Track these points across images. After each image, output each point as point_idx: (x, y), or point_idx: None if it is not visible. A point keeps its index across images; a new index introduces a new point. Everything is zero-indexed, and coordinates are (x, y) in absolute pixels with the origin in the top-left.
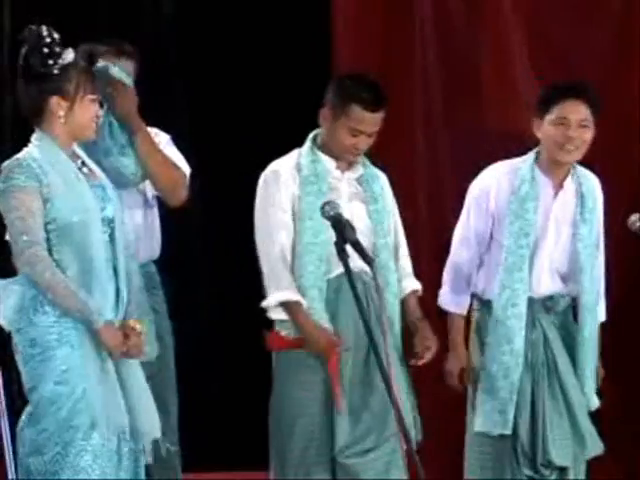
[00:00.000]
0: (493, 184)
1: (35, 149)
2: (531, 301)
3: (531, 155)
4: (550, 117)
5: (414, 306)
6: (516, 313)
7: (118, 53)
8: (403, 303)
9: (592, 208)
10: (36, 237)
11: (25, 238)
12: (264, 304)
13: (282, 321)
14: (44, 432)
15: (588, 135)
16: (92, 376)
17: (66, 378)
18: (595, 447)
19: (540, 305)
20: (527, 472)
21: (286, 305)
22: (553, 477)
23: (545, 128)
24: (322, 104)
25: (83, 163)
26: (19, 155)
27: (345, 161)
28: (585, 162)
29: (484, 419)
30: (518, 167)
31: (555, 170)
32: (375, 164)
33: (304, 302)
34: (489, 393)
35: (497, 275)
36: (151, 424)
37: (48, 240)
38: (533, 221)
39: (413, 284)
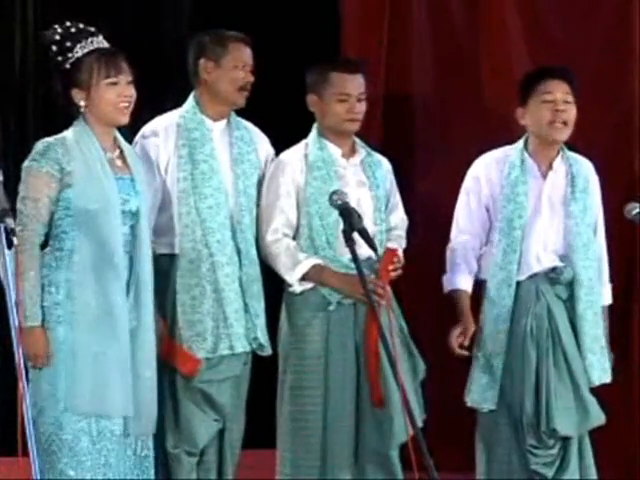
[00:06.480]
0: (482, 172)
1: (71, 133)
2: (535, 275)
3: (520, 142)
4: (535, 98)
5: (382, 261)
6: (511, 293)
7: (246, 42)
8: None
9: (584, 188)
10: (29, 220)
11: (21, 218)
12: (290, 281)
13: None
14: (41, 412)
15: (573, 112)
16: (89, 358)
17: (62, 359)
18: (598, 418)
19: (544, 277)
20: (531, 442)
21: (308, 274)
22: (557, 447)
23: (532, 110)
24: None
25: (122, 153)
26: (55, 136)
27: (347, 135)
28: (582, 153)
29: (478, 395)
30: (507, 154)
31: (544, 152)
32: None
33: (321, 262)
34: (485, 371)
35: (491, 257)
36: (153, 407)
37: (60, 225)
38: (525, 204)
39: (393, 244)
